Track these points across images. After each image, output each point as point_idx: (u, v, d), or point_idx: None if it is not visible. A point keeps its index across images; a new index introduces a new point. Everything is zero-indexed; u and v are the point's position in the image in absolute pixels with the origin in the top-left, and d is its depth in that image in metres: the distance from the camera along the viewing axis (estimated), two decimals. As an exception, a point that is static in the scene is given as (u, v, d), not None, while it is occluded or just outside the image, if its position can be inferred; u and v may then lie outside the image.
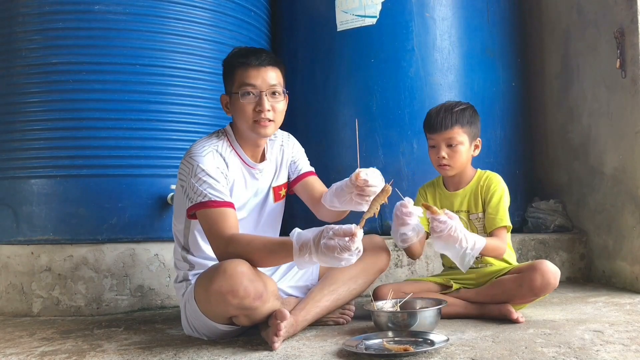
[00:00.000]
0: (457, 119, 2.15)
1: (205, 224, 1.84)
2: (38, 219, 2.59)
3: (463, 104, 2.21)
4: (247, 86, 1.92)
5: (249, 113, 1.93)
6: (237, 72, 1.94)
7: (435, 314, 1.89)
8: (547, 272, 1.95)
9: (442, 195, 2.30)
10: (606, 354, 1.56)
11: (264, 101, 1.92)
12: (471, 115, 2.19)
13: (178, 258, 2.05)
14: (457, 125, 2.14)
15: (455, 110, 2.16)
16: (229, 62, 1.99)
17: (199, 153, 1.90)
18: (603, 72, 2.73)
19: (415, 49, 3.01)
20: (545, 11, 3.39)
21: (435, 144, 2.18)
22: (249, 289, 1.69)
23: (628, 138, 2.55)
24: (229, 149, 1.98)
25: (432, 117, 2.18)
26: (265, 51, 2.01)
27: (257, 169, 2.04)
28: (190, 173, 1.87)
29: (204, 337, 1.92)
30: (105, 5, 2.60)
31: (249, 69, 1.93)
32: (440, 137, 2.16)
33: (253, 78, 1.92)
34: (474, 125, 2.20)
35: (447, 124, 2.14)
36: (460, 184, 2.26)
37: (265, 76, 1.93)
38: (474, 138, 2.20)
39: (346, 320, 2.11)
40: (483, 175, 2.24)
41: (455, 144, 2.15)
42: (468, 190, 2.24)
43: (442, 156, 2.16)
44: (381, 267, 2.17)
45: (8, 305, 2.63)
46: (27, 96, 2.63)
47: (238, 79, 1.94)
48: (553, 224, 3.07)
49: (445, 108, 2.18)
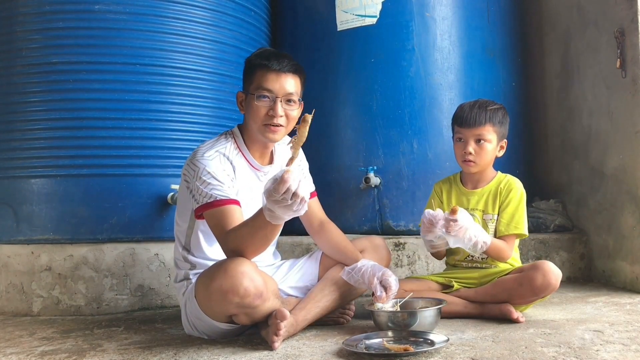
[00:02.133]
0: (490, 117, 2.16)
1: (211, 223, 1.85)
2: (38, 219, 2.59)
3: (497, 104, 2.22)
4: (263, 90, 1.92)
5: (261, 116, 1.93)
6: (257, 73, 1.94)
7: (435, 314, 1.89)
8: (549, 272, 1.95)
9: (458, 192, 2.28)
10: (606, 353, 1.56)
11: (277, 107, 1.92)
12: (503, 115, 2.20)
13: (178, 258, 2.05)
14: (489, 122, 2.15)
15: (489, 109, 2.17)
16: (251, 61, 1.98)
17: (205, 156, 1.90)
18: (603, 72, 2.73)
19: (416, 48, 3.01)
20: (546, 11, 3.39)
21: (464, 138, 2.18)
22: (249, 288, 1.69)
23: (628, 138, 2.55)
24: (236, 151, 1.98)
25: (466, 112, 2.18)
26: (289, 57, 1.98)
27: (263, 172, 2.03)
28: (195, 176, 1.87)
29: (204, 336, 1.92)
30: (106, 5, 2.60)
31: (268, 72, 1.92)
32: (470, 132, 2.15)
33: (271, 82, 1.92)
34: (504, 126, 2.20)
35: (481, 120, 2.14)
36: (479, 182, 2.25)
37: (284, 82, 1.93)
38: (501, 138, 2.21)
39: (346, 320, 2.12)
40: (504, 179, 2.24)
41: (483, 141, 2.15)
42: (486, 190, 2.23)
43: (469, 151, 2.15)
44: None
45: (8, 305, 2.63)
46: (27, 96, 2.63)
47: (256, 80, 1.93)
48: (553, 223, 3.07)
49: (480, 104, 2.18)
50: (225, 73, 2.85)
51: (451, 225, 1.92)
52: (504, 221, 2.14)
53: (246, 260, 1.73)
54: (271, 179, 1.57)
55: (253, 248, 1.76)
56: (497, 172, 2.27)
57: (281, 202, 1.55)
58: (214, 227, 1.84)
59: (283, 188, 1.52)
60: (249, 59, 2.02)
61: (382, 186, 3.01)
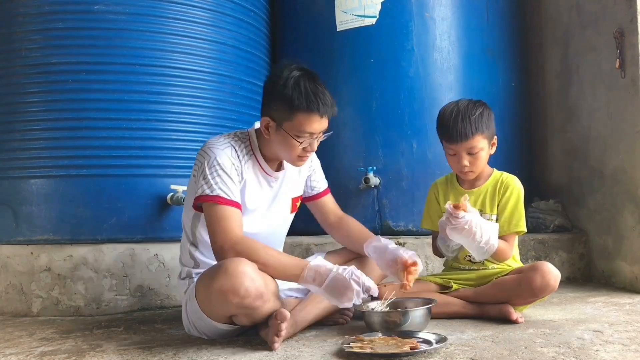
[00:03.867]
0: (477, 127, 2.06)
1: (210, 217, 1.84)
2: (38, 219, 2.59)
3: (478, 106, 2.11)
4: (307, 133, 1.87)
5: (298, 152, 1.91)
6: (299, 114, 1.85)
7: (426, 313, 1.89)
8: (548, 273, 1.94)
9: (455, 192, 2.23)
10: (606, 353, 1.56)
11: (315, 145, 1.92)
12: (487, 117, 2.10)
13: (185, 253, 2.03)
14: (477, 133, 2.06)
15: (473, 118, 2.06)
16: (290, 97, 1.84)
17: (217, 146, 1.90)
18: (603, 72, 2.73)
19: (415, 49, 3.01)
20: (545, 11, 3.39)
21: (456, 153, 2.10)
22: (250, 289, 1.69)
23: (628, 138, 2.55)
24: (249, 154, 1.97)
25: (450, 127, 2.07)
26: (328, 94, 1.89)
27: (273, 177, 2.03)
28: (205, 163, 1.87)
29: (204, 336, 1.92)
30: (105, 5, 2.60)
31: (313, 117, 1.85)
32: (460, 147, 2.07)
33: (315, 127, 1.87)
34: (491, 127, 2.12)
35: (468, 134, 2.05)
36: (476, 181, 2.20)
37: (325, 123, 1.91)
38: (492, 138, 2.14)
39: (346, 321, 2.12)
40: (500, 177, 2.18)
41: (477, 152, 2.08)
42: (483, 190, 2.18)
43: (464, 164, 2.09)
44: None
45: (8, 305, 2.63)
46: (27, 96, 2.63)
47: (298, 123, 1.85)
48: (553, 223, 3.07)
49: (463, 114, 2.06)
50: (225, 73, 2.85)
51: (452, 219, 1.90)
52: (504, 220, 2.11)
53: (247, 260, 1.73)
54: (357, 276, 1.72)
55: (263, 270, 1.78)
56: (493, 170, 2.23)
57: (342, 299, 1.71)
58: (214, 223, 1.82)
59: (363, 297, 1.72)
60: (279, 84, 1.86)
61: (381, 186, 3.01)
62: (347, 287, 1.69)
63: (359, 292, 1.69)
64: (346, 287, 1.69)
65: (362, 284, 1.70)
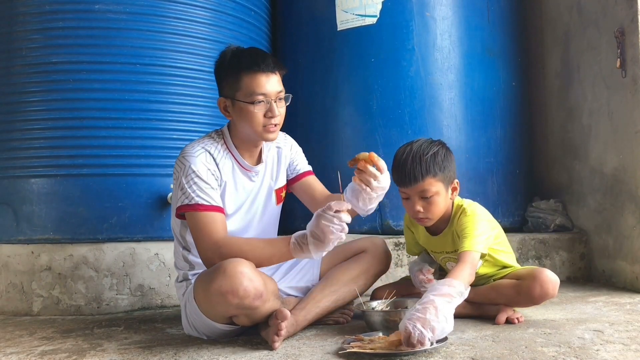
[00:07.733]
0: (428, 169, 1.90)
1: (193, 226, 1.84)
2: (38, 219, 2.59)
3: (434, 146, 1.95)
4: (258, 95, 1.87)
5: (260, 120, 1.90)
6: (244, 78, 1.87)
7: None
8: (547, 281, 1.93)
9: (425, 235, 2.14)
10: (606, 353, 1.56)
11: (274, 108, 1.89)
12: (443, 159, 1.94)
13: (179, 257, 2.04)
14: (428, 176, 1.90)
15: (425, 159, 1.91)
16: (232, 66, 1.91)
17: (191, 153, 1.89)
18: (603, 71, 2.73)
19: (416, 48, 3.01)
20: (546, 10, 3.39)
21: (409, 197, 1.96)
22: (249, 289, 1.69)
23: (628, 138, 2.55)
24: (225, 152, 1.96)
25: (400, 168, 1.93)
26: (269, 55, 1.96)
27: (254, 172, 2.02)
28: (182, 173, 1.87)
29: (204, 336, 1.92)
30: (106, 5, 2.60)
31: (258, 75, 1.87)
32: (411, 190, 1.93)
33: (263, 86, 1.87)
34: (448, 169, 1.95)
35: (418, 177, 1.90)
36: (440, 225, 2.07)
37: (274, 83, 1.90)
38: (449, 182, 1.97)
39: (346, 320, 2.11)
40: (458, 211, 2.03)
41: (430, 196, 1.93)
42: (448, 232, 2.05)
43: (418, 210, 1.95)
44: (382, 269, 2.17)
45: (8, 305, 2.63)
46: (27, 96, 2.63)
47: (246, 87, 1.88)
48: (553, 223, 3.07)
49: (414, 156, 1.92)
50: (226, 73, 2.85)
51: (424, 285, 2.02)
52: (460, 245, 1.91)
53: (245, 261, 1.73)
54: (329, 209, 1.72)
55: (255, 264, 1.77)
56: (454, 207, 2.05)
57: (331, 238, 1.73)
58: (196, 231, 1.83)
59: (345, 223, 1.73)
60: (225, 62, 1.93)
61: (382, 186, 3.00)
62: (328, 223, 1.71)
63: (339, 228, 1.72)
64: (326, 224, 1.71)
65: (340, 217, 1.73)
